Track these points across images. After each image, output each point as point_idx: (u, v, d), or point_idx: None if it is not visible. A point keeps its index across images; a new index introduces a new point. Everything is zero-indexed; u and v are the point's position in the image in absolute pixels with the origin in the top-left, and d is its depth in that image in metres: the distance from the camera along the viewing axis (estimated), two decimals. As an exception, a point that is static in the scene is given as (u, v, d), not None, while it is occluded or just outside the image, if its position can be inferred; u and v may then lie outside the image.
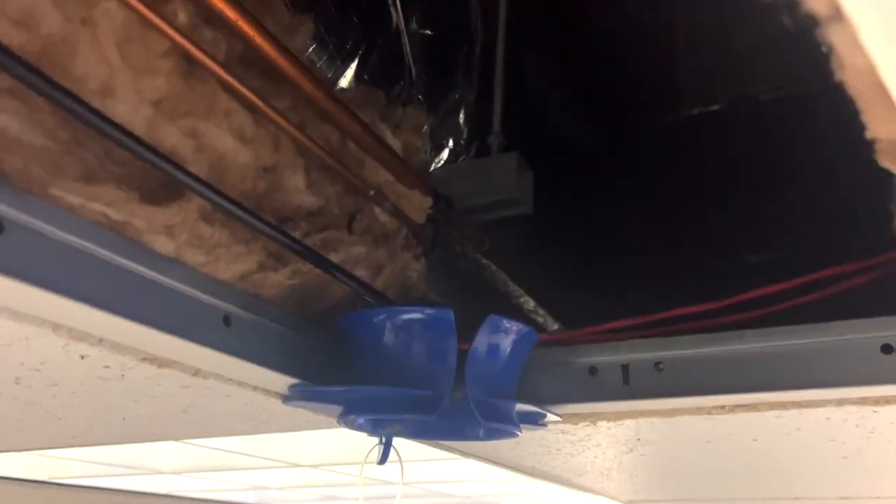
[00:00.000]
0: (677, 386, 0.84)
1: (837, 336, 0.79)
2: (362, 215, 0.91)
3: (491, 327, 0.77)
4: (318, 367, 0.81)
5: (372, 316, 0.77)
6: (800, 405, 0.82)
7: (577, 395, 0.87)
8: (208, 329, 0.70)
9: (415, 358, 0.75)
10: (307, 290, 0.83)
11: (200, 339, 0.68)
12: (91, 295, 0.58)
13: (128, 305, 0.61)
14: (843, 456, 1.22)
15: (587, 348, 0.90)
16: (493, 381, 0.77)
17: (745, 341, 0.83)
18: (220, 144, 0.71)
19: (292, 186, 0.81)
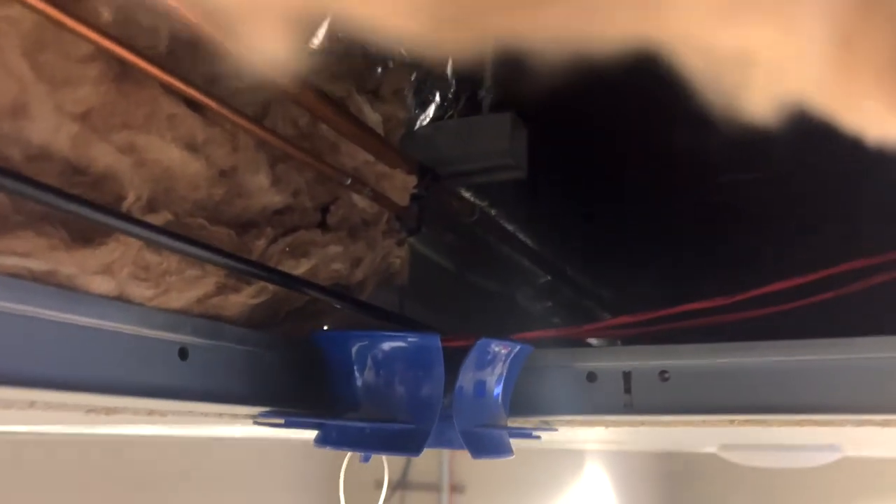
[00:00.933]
0: (683, 400, 0.77)
1: (861, 353, 0.72)
2: (338, 205, 0.81)
3: (479, 353, 0.69)
4: (290, 387, 0.74)
5: (349, 340, 0.69)
6: (816, 423, 0.76)
7: (574, 405, 0.80)
8: (160, 367, 0.61)
9: (397, 388, 0.67)
10: (276, 304, 0.75)
11: (151, 382, 0.60)
12: (10, 368, 0.49)
13: (59, 368, 0.52)
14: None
15: (586, 352, 0.83)
16: (483, 409, 0.70)
17: (759, 353, 0.75)
18: (164, 157, 0.60)
19: (255, 187, 0.70)
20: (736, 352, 0.76)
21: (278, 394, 0.72)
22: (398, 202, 0.88)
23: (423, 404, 0.67)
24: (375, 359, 0.68)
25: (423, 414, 0.66)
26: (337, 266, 0.82)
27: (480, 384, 0.70)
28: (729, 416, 0.76)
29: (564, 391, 0.81)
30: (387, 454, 0.67)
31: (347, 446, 0.68)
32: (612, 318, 0.87)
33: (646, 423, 0.82)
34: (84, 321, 0.55)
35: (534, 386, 0.82)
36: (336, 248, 0.78)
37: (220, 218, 0.67)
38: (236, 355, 0.69)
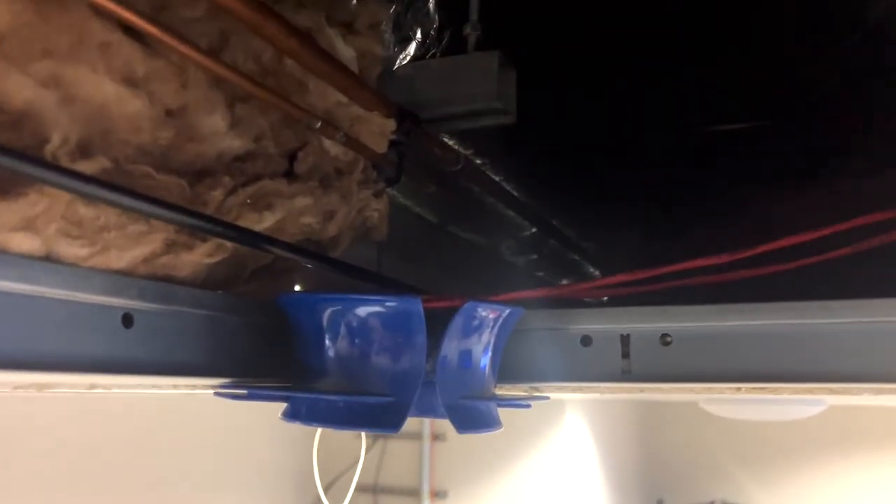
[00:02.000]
0: (687, 366, 0.70)
1: (879, 317, 0.65)
2: (306, 151, 0.73)
3: (465, 319, 0.61)
4: (255, 355, 0.66)
5: (319, 305, 0.61)
6: (832, 391, 0.70)
7: (567, 371, 0.74)
8: (100, 337, 0.54)
9: (374, 357, 0.60)
10: (239, 262, 0.67)
11: (90, 354, 0.52)
12: None
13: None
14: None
15: (580, 313, 0.76)
16: (469, 379, 0.63)
17: (771, 315, 0.69)
18: (97, 92, 0.51)
19: (209, 130, 0.61)
20: (746, 314, 0.70)
21: (241, 363, 0.65)
22: (375, 149, 0.80)
23: (403, 375, 0.60)
24: (349, 325, 0.61)
25: (402, 386, 0.59)
26: (307, 220, 0.73)
27: (466, 353, 0.63)
28: (737, 384, 0.69)
29: (556, 356, 0.75)
30: (362, 430, 0.60)
31: (318, 421, 0.61)
32: (608, 277, 0.80)
33: (645, 390, 0.76)
34: (4, 285, 0.47)
35: (523, 350, 0.75)
36: (305, 199, 0.70)
37: (169, 165, 0.59)
38: (191, 321, 0.61)
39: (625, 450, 3.90)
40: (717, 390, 0.73)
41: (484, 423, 0.64)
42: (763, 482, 3.92)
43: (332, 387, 0.61)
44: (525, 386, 0.77)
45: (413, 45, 1.01)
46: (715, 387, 0.71)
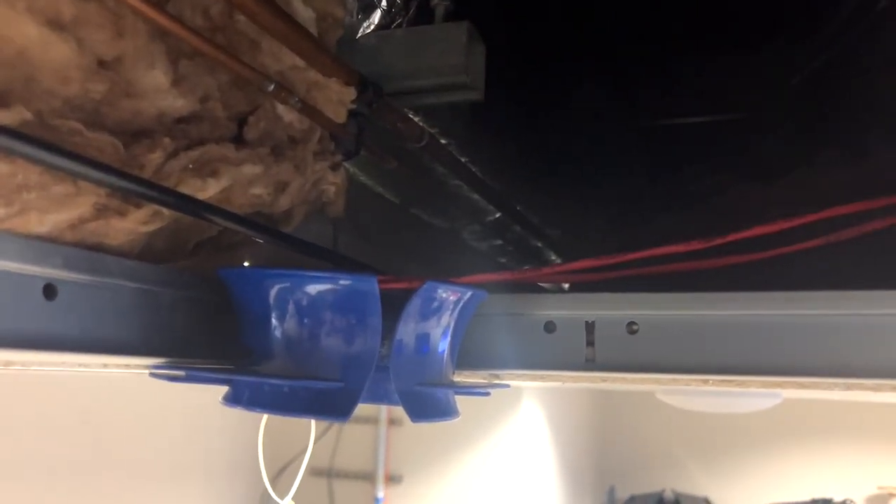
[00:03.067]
0: (653, 356, 0.67)
1: (858, 310, 0.63)
2: (258, 116, 0.68)
3: (423, 299, 0.57)
4: (195, 334, 0.61)
5: (266, 280, 0.56)
6: (802, 385, 0.68)
7: (529, 358, 0.70)
8: (18, 309, 0.48)
9: (324, 339, 0.56)
10: (180, 233, 0.61)
11: (4, 327, 0.47)
12: None
13: None
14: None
15: (544, 299, 0.72)
16: (426, 365, 0.59)
17: (743, 305, 0.66)
18: (15, 33, 0.45)
19: (149, 86, 0.56)
20: (717, 303, 0.67)
21: (179, 342, 0.60)
22: (333, 118, 0.75)
23: (355, 360, 0.55)
24: (298, 304, 0.56)
25: (353, 371, 0.55)
26: (256, 191, 0.68)
27: (424, 337, 0.59)
28: (704, 376, 0.67)
29: (518, 342, 0.71)
30: (308, 417, 0.55)
31: (261, 407, 0.56)
32: (574, 261, 0.76)
33: (608, 380, 0.73)
34: None
35: (484, 336, 0.72)
36: (254, 167, 0.65)
37: (102, 122, 0.53)
38: (123, 294, 0.55)
39: (579, 438, 3.92)
40: (684, 382, 0.71)
41: (440, 411, 0.61)
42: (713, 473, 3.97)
43: (277, 370, 0.57)
44: (484, 373, 0.73)
45: (378, 13, 0.96)
46: (681, 378, 0.68)
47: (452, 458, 3.19)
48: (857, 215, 0.75)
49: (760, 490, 3.82)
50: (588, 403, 4.08)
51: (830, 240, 0.75)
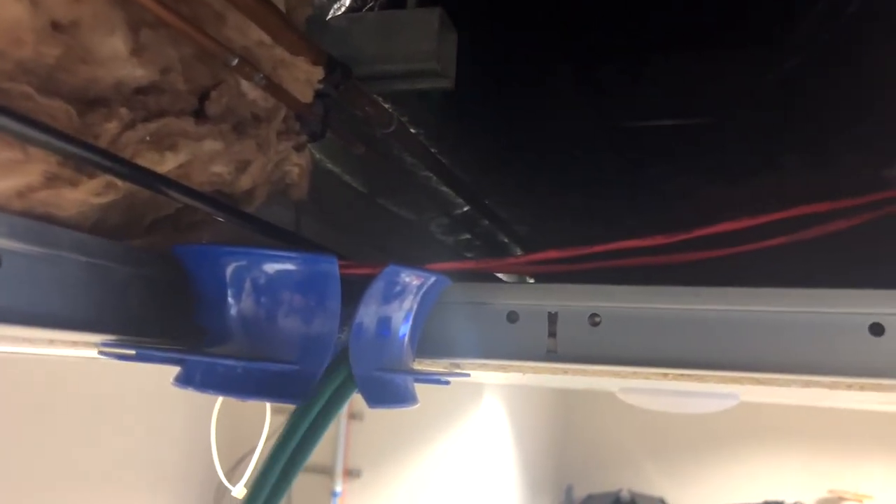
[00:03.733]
0: (615, 348, 0.67)
1: (817, 308, 0.63)
2: (220, 91, 0.66)
3: (386, 282, 0.56)
4: (148, 312, 0.59)
5: (222, 258, 0.55)
6: (759, 381, 0.68)
7: (490, 348, 0.69)
8: (-41, 278, 0.46)
9: (281, 320, 0.54)
10: (136, 209, 0.59)
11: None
12: None
13: None
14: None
15: (508, 288, 0.72)
16: (386, 350, 0.58)
17: (706, 301, 0.66)
18: (-37, -12, 0.43)
19: (107, 53, 0.54)
20: (679, 297, 0.67)
21: (130, 319, 0.58)
22: (299, 98, 0.73)
23: (313, 342, 0.54)
24: (255, 283, 0.55)
25: (311, 354, 0.54)
26: (218, 168, 0.67)
27: (385, 320, 0.57)
28: (665, 370, 0.67)
29: (480, 331, 0.70)
30: (262, 400, 0.54)
31: (213, 388, 0.55)
32: (539, 252, 0.76)
33: (570, 371, 0.72)
34: None
35: (445, 324, 0.71)
36: (215, 144, 0.63)
37: (56, 88, 0.51)
38: (72, 267, 0.53)
39: (540, 436, 3.94)
40: (644, 375, 0.70)
41: (399, 398, 0.59)
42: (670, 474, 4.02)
43: (231, 351, 0.55)
44: (445, 362, 0.72)
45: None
46: (642, 371, 0.68)
47: (412, 453, 3.18)
48: (821, 215, 0.76)
49: (715, 491, 3.88)
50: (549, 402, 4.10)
51: (794, 238, 0.75)
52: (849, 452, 3.78)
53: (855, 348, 0.61)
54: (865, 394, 0.75)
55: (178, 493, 2.77)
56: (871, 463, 3.74)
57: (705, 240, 0.75)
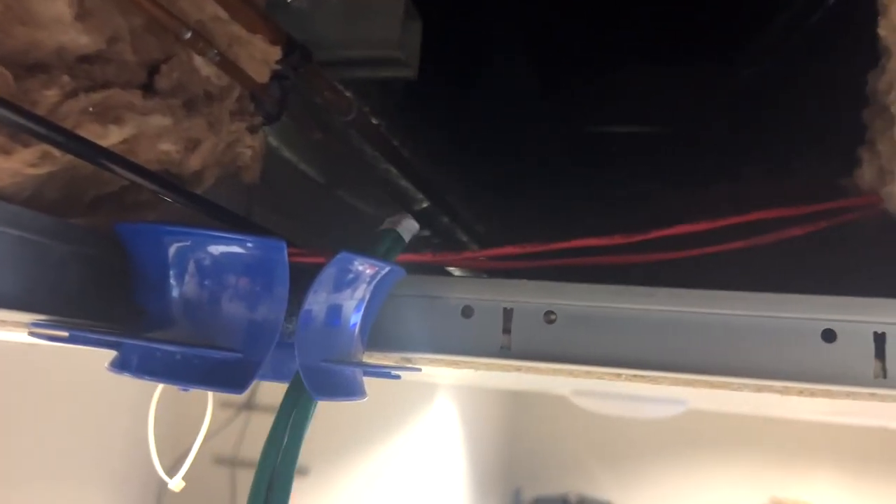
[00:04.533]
0: (569, 347, 0.66)
1: (771, 312, 0.63)
2: (171, 65, 0.63)
3: (338, 270, 0.54)
4: (84, 292, 0.56)
5: (164, 237, 0.52)
6: (712, 385, 0.68)
7: (443, 343, 0.68)
8: None
9: (225, 305, 0.52)
10: (76, 184, 0.56)
11: None
12: None
13: None
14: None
15: (463, 282, 0.70)
16: (335, 340, 0.56)
17: (658, 301, 0.65)
18: None
19: (48, 17, 0.51)
20: (635, 297, 0.66)
21: (64, 299, 0.55)
22: (255, 77, 0.71)
23: (257, 329, 0.52)
24: (199, 265, 0.52)
25: (255, 342, 0.52)
26: (165, 146, 0.64)
27: (335, 309, 0.55)
28: (618, 370, 0.66)
29: (433, 326, 0.69)
30: (201, 388, 0.51)
31: (151, 374, 0.52)
32: (496, 248, 0.75)
33: (523, 369, 0.71)
34: None
35: (398, 317, 0.69)
36: (163, 119, 0.60)
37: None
38: (4, 242, 0.50)
39: (491, 438, 3.94)
40: (597, 375, 0.70)
41: (346, 390, 0.57)
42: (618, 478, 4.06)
43: (172, 336, 0.52)
44: (397, 356, 0.70)
45: (313, -23, 0.92)
46: (595, 371, 0.67)
47: (362, 452, 3.15)
48: (777, 221, 0.76)
49: (661, 498, 3.93)
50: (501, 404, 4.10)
51: (750, 244, 0.75)
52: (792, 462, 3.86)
53: (807, 354, 0.61)
54: (815, 401, 0.75)
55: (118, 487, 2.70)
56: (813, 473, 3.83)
57: (663, 241, 0.75)
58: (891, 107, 0.61)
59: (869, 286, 0.61)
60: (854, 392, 0.61)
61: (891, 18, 0.56)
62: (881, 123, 0.68)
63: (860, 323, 0.59)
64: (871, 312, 0.59)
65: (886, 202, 0.66)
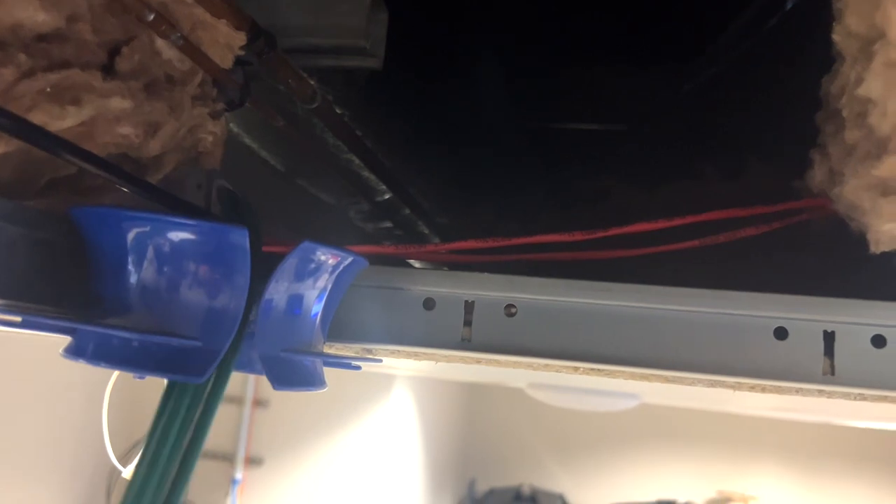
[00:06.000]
0: (529, 340, 0.67)
1: (726, 309, 0.64)
2: (133, 47, 0.62)
3: (300, 259, 0.54)
4: (39, 276, 0.55)
5: (123, 223, 0.51)
6: (667, 380, 0.69)
7: (405, 334, 0.68)
8: None
9: (185, 293, 0.51)
10: (30, 166, 0.55)
11: None
12: None
13: None
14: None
15: (425, 274, 0.70)
16: (296, 329, 0.56)
17: (615, 296, 0.67)
18: None
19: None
20: (594, 292, 0.67)
21: (18, 283, 0.53)
22: (218, 62, 0.69)
23: (217, 318, 0.51)
24: (159, 251, 0.51)
25: (214, 330, 0.51)
26: (125, 129, 0.62)
27: (296, 298, 0.55)
28: (577, 363, 0.67)
29: (395, 317, 0.69)
30: (160, 376, 0.51)
31: (106, 361, 0.51)
32: (459, 242, 0.75)
33: (483, 361, 0.72)
34: None
35: (360, 308, 0.69)
36: (123, 102, 0.59)
37: (-56, 24, 0.46)
38: (-47, 224, 0.49)
39: (447, 429, 3.96)
40: (555, 368, 0.70)
41: (306, 380, 0.57)
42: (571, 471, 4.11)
43: (129, 322, 0.51)
44: (357, 346, 0.70)
45: (278, -38, 0.91)
46: (554, 364, 0.68)
47: (317, 442, 3.14)
48: (733, 221, 0.78)
49: (612, 489, 3.99)
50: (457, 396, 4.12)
51: (706, 243, 0.77)
52: (738, 456, 3.96)
53: (759, 351, 0.63)
54: (763, 397, 0.77)
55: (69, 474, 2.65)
56: (757, 466, 3.93)
57: (622, 239, 0.76)
58: (842, 110, 0.63)
59: (820, 286, 0.63)
60: (803, 388, 0.63)
61: (846, 24, 0.58)
62: (833, 127, 0.70)
63: (811, 321, 0.61)
64: (821, 311, 0.61)
65: (836, 203, 0.68)
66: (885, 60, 0.47)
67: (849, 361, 0.60)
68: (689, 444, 3.98)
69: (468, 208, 1.74)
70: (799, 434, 3.77)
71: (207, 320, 0.51)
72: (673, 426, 3.93)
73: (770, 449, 3.90)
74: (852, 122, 0.60)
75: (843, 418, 2.49)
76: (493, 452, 4.16)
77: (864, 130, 0.57)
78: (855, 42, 0.57)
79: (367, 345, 0.69)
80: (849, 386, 0.60)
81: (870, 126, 0.55)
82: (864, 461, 3.77)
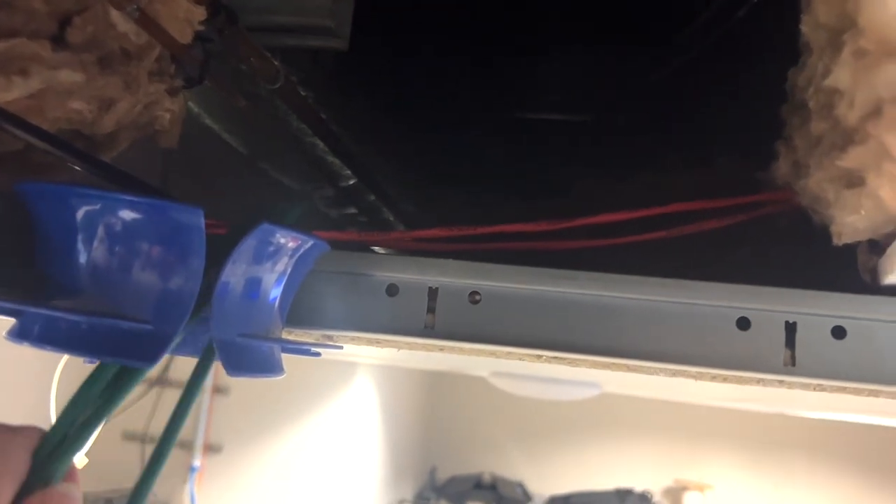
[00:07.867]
0: (493, 327, 0.66)
1: (689, 299, 0.64)
2: (86, 18, 0.59)
3: (259, 241, 0.52)
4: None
5: (72, 199, 0.49)
6: (630, 369, 0.69)
7: (367, 321, 0.67)
8: None
9: (137, 274, 0.49)
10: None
11: None
12: None
13: None
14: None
15: (389, 260, 0.69)
16: (253, 314, 0.54)
17: (580, 285, 0.66)
18: None
19: (-54, -47, 0.47)
20: (558, 280, 0.66)
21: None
22: (177, 37, 0.67)
23: (170, 300, 0.49)
24: (110, 230, 0.49)
25: (167, 313, 0.49)
26: (77, 104, 0.60)
27: (254, 282, 0.53)
28: (540, 351, 0.66)
29: (357, 303, 0.67)
30: (109, 361, 0.49)
31: (53, 344, 0.49)
32: (424, 230, 0.74)
33: (446, 349, 0.71)
34: None
35: (320, 293, 0.67)
36: (73, 74, 0.56)
37: None
38: None
39: (408, 417, 3.96)
40: (518, 356, 0.70)
41: (263, 366, 0.55)
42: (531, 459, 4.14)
43: (77, 304, 0.49)
44: (318, 333, 0.69)
45: (241, -63, 0.88)
46: (517, 352, 0.67)
47: (278, 430, 3.11)
48: (697, 213, 0.78)
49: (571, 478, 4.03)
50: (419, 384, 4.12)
51: (671, 234, 0.77)
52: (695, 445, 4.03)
53: (722, 341, 0.63)
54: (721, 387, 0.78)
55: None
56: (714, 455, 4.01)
57: (587, 229, 0.76)
58: (809, 102, 0.63)
59: (783, 277, 0.63)
60: (764, 379, 0.63)
61: (814, 15, 0.57)
62: (798, 119, 0.70)
63: (773, 312, 0.61)
64: (783, 302, 0.61)
65: (801, 196, 0.68)
66: (853, 50, 0.47)
67: (809, 352, 0.61)
68: (648, 433, 4.04)
69: (435, 197, 1.73)
70: (754, 424, 3.84)
71: (160, 303, 0.49)
72: (632, 415, 3.98)
73: (726, 439, 3.97)
74: (818, 113, 0.60)
75: (797, 409, 2.55)
76: (454, 441, 4.17)
77: (831, 122, 0.57)
78: (823, 33, 0.57)
79: (328, 331, 0.67)
80: (809, 377, 0.61)
81: (836, 117, 0.55)
82: (817, 452, 3.86)
